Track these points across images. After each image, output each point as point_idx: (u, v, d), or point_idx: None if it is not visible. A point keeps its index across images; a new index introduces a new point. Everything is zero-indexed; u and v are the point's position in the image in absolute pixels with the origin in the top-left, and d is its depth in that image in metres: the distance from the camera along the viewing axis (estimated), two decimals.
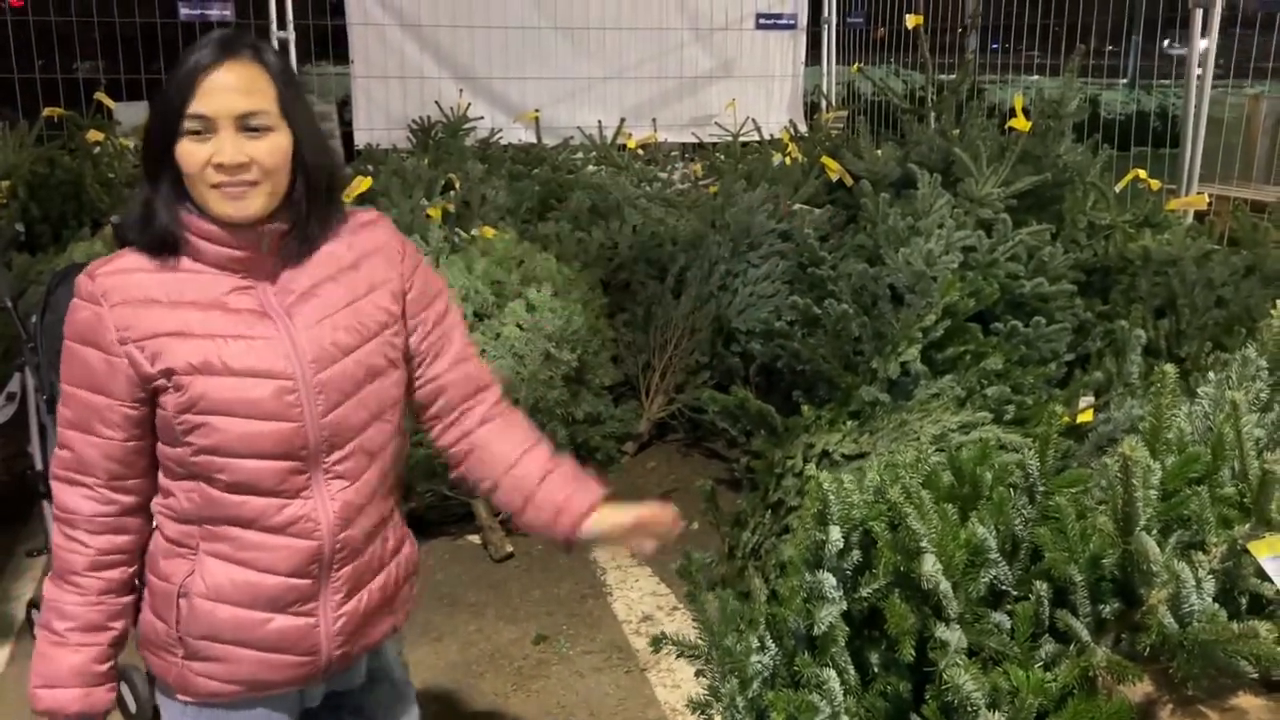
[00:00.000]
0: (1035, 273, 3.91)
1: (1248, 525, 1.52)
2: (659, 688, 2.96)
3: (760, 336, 4.35)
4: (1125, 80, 8.41)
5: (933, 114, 5.47)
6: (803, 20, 8.23)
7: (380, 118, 7.14)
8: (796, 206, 4.74)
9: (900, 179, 4.76)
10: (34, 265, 4.32)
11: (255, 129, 1.38)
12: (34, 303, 3.20)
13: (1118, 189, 4.64)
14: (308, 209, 1.45)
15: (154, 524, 1.52)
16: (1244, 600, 1.55)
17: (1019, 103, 4.63)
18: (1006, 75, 7.97)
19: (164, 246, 1.42)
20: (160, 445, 1.46)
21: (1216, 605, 1.47)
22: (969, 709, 1.44)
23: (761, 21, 8.07)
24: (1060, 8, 6.63)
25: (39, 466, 3.04)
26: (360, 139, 7.04)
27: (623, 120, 7.08)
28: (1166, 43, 7.01)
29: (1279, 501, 1.50)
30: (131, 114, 6.47)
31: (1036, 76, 8.62)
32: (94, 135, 5.67)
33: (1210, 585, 1.49)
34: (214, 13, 6.78)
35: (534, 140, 6.85)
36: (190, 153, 1.36)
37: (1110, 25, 7.38)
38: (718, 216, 4.74)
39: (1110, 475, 1.61)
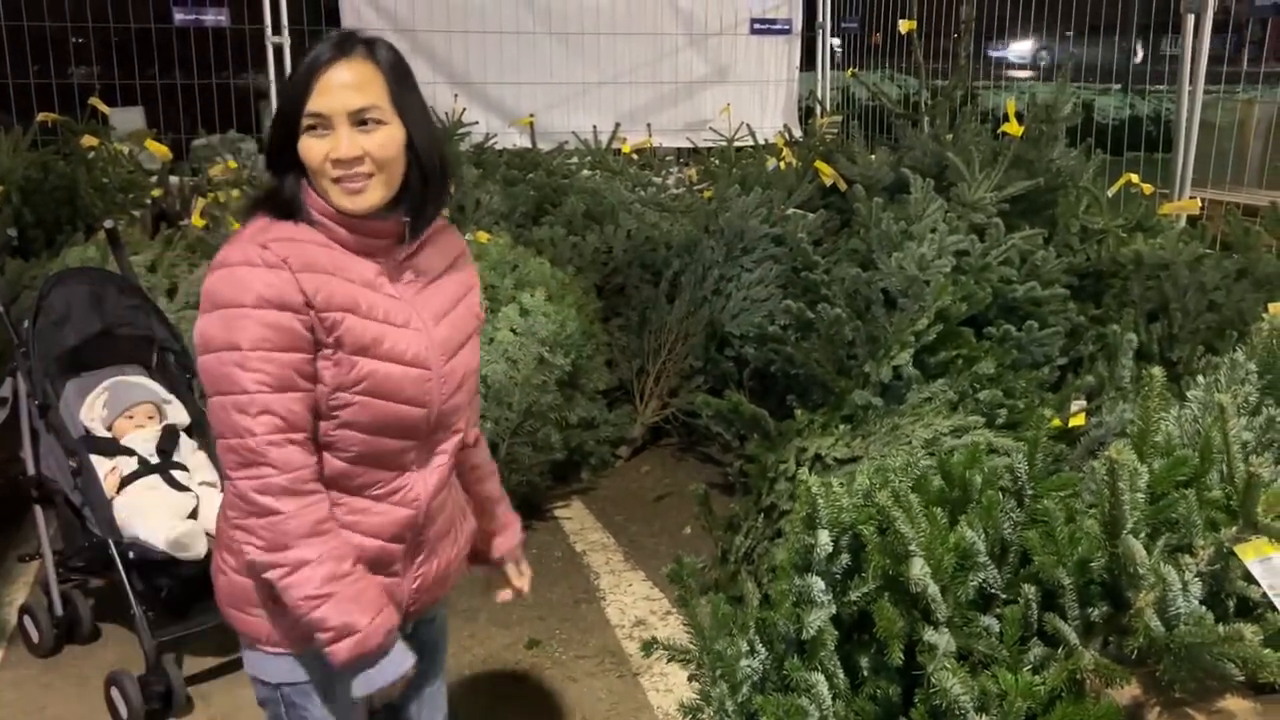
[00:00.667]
0: (1028, 277, 3.92)
1: (1235, 528, 1.53)
2: (651, 692, 2.96)
3: (754, 340, 4.36)
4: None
5: (926, 119, 5.48)
6: (797, 25, 8.25)
7: None
8: (790, 211, 4.74)
9: (893, 183, 4.77)
10: (27, 270, 4.32)
11: (368, 123, 1.45)
12: (26, 307, 3.21)
13: (1110, 193, 4.65)
14: (423, 198, 1.53)
15: None
16: (1231, 603, 1.56)
17: (1011, 107, 4.64)
18: (1000, 80, 7.99)
19: (302, 224, 1.49)
20: None
21: (1204, 608, 1.48)
22: (957, 712, 1.44)
23: (756, 26, 8.09)
24: (1053, 12, 6.65)
25: (31, 471, 3.04)
26: None
27: (617, 125, 7.08)
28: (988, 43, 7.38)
29: (1266, 504, 1.51)
30: (126, 119, 6.46)
31: (1030, 81, 8.66)
32: (89, 140, 5.65)
33: (1197, 588, 1.49)
34: (209, 17, 6.78)
35: (529, 145, 6.84)
36: (310, 148, 1.45)
37: (1103, 28, 7.41)
38: (712, 221, 4.74)
39: (1098, 479, 1.62)
